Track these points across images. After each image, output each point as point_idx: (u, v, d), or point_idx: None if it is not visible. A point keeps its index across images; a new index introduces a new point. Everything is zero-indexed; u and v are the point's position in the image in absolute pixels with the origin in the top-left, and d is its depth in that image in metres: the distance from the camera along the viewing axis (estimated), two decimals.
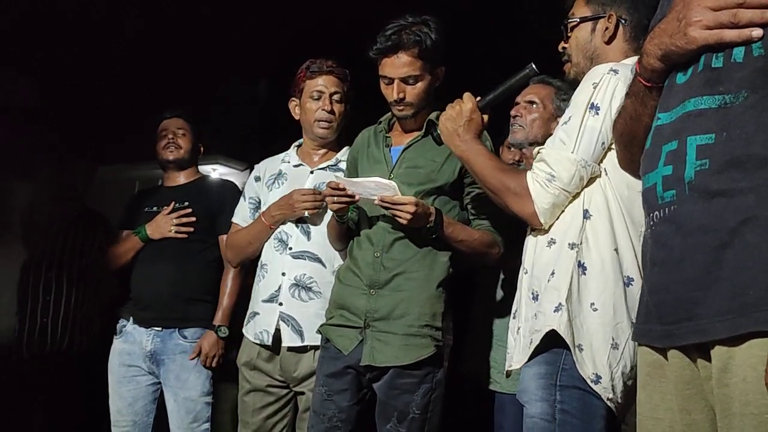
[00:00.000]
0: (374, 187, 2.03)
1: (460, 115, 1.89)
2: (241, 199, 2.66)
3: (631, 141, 1.38)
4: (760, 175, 1.04)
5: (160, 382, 2.78)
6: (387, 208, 2.03)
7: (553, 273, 1.68)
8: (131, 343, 2.77)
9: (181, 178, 2.98)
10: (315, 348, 2.33)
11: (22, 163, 3.02)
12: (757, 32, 1.07)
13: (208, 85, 3.75)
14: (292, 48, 3.00)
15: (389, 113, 2.27)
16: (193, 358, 2.70)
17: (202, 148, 3.05)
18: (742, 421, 1.03)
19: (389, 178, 2.13)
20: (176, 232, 2.78)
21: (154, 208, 2.89)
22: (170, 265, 2.76)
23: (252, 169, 2.76)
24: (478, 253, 2.15)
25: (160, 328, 2.75)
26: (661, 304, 1.16)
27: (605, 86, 1.65)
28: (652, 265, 1.20)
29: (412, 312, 2.06)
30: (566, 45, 1.89)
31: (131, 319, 2.79)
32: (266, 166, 2.63)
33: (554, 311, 1.65)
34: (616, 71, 1.66)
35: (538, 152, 1.73)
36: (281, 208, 2.41)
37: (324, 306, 2.30)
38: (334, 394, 2.12)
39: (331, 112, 2.46)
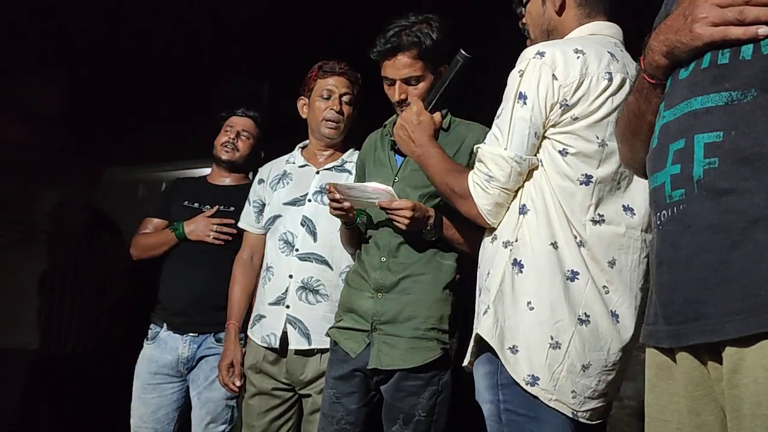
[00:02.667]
0: (371, 192, 2.04)
1: (408, 121, 1.88)
2: (246, 203, 2.66)
3: (634, 138, 1.37)
4: None
5: (185, 390, 2.75)
6: (386, 213, 2.04)
7: (488, 273, 1.65)
8: (163, 350, 2.73)
9: (228, 179, 2.90)
10: (322, 351, 2.33)
11: (39, 167, 3.00)
12: (764, 30, 1.06)
13: (210, 86, 3.74)
14: (296, 50, 2.99)
15: (394, 116, 2.27)
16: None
17: (261, 153, 2.95)
18: (753, 422, 1.02)
19: (394, 182, 2.14)
20: (214, 238, 2.72)
21: (195, 204, 2.83)
22: (204, 272, 2.71)
23: (255, 171, 2.76)
24: None
25: (195, 334, 2.72)
26: (668, 304, 1.15)
27: (531, 72, 1.57)
28: (659, 264, 1.19)
29: (419, 315, 2.06)
30: (524, 22, 1.82)
31: (164, 325, 2.75)
32: (270, 168, 2.64)
33: (483, 313, 1.62)
34: (542, 54, 1.58)
35: (478, 150, 1.67)
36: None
37: (331, 309, 2.31)
38: (343, 396, 2.13)
39: (340, 112, 2.47)
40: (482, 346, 1.64)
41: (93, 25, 3.38)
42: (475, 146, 1.70)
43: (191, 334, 2.71)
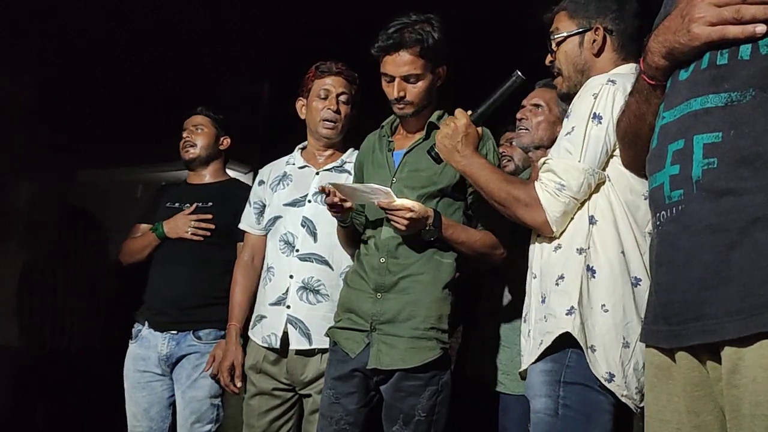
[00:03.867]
0: (371, 193, 2.05)
1: (456, 131, 1.92)
2: (247, 204, 2.65)
3: (635, 140, 1.37)
4: None
5: (174, 387, 2.74)
6: (386, 213, 2.04)
7: (561, 277, 1.72)
8: (146, 348, 2.73)
9: (207, 177, 2.91)
10: (322, 351, 2.32)
11: (20, 163, 3.00)
12: (761, 28, 1.07)
13: (210, 86, 3.75)
14: (296, 50, 3.00)
15: (392, 116, 2.27)
16: (207, 369, 2.63)
17: (226, 140, 2.93)
18: (752, 422, 1.02)
19: (392, 183, 2.14)
20: (192, 234, 2.73)
21: (176, 205, 2.84)
22: (186, 269, 2.72)
23: (256, 172, 2.75)
24: (480, 254, 2.15)
25: (175, 332, 2.71)
26: (668, 305, 1.15)
27: (605, 96, 1.70)
28: (658, 265, 1.19)
29: (418, 315, 2.06)
30: (554, 59, 1.92)
31: (146, 323, 2.75)
32: (270, 170, 2.63)
33: (566, 314, 1.69)
34: (613, 81, 1.71)
35: (545, 163, 1.77)
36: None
37: (332, 309, 2.30)
38: (342, 397, 2.12)
39: (337, 111, 2.47)
40: (552, 347, 1.71)
41: (93, 25, 3.38)
42: (542, 159, 1.80)
43: (171, 331, 2.71)
